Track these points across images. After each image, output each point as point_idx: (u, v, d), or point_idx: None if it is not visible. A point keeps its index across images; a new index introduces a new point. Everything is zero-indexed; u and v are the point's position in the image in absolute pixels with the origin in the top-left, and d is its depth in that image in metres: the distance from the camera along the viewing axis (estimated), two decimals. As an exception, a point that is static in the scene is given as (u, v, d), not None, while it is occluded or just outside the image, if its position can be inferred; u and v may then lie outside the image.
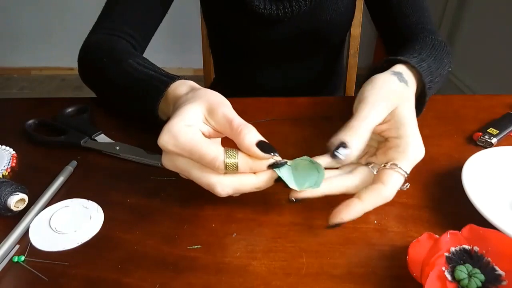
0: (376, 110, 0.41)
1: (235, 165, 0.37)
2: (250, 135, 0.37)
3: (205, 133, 0.38)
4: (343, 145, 0.38)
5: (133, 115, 0.55)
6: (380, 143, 0.44)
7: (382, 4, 0.68)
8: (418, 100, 0.51)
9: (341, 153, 0.38)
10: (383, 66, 0.50)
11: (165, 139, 0.37)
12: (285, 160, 0.38)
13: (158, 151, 0.49)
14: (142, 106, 0.49)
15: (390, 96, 0.43)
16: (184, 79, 0.48)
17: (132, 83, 0.51)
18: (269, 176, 0.39)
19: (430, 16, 0.67)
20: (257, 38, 0.72)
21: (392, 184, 0.39)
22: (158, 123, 0.48)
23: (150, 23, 0.68)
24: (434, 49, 0.58)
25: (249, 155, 0.37)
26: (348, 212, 0.38)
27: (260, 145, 0.37)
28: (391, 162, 0.40)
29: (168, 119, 0.46)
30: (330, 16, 0.70)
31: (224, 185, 0.37)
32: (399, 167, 0.39)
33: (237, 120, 0.38)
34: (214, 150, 0.36)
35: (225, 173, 0.37)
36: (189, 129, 0.37)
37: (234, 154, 0.37)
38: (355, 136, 0.39)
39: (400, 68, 0.49)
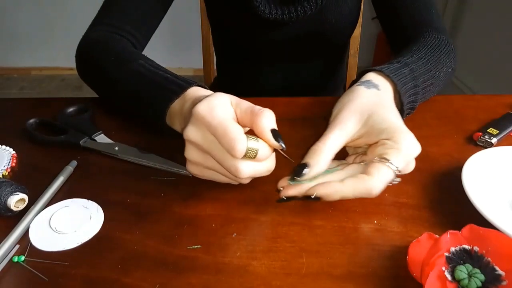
0: (341, 130, 0.42)
1: (255, 151, 0.38)
2: (268, 119, 0.39)
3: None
4: (304, 166, 0.40)
5: (135, 115, 0.55)
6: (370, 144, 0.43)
7: (388, 2, 0.67)
8: (400, 108, 0.50)
9: (303, 172, 0.40)
10: (357, 79, 0.50)
11: (202, 107, 0.38)
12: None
13: (152, 150, 0.49)
14: (151, 106, 0.49)
15: (358, 109, 0.43)
16: (201, 85, 0.48)
17: (142, 83, 0.51)
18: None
19: (437, 13, 0.66)
20: (261, 40, 0.72)
21: (378, 176, 0.38)
22: (161, 125, 0.48)
23: (151, 22, 0.67)
24: (431, 49, 0.57)
25: (260, 136, 0.39)
26: (324, 187, 0.38)
27: (272, 131, 0.39)
28: (382, 156, 0.39)
29: (178, 115, 0.47)
30: (335, 19, 0.69)
31: (247, 167, 0.39)
32: (389, 161, 0.39)
33: (259, 106, 0.40)
34: (239, 132, 0.38)
35: (243, 157, 0.38)
36: (225, 108, 0.39)
37: (256, 140, 0.39)
38: (317, 159, 0.40)
39: (369, 76, 0.48)
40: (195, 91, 0.46)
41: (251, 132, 0.40)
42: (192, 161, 0.42)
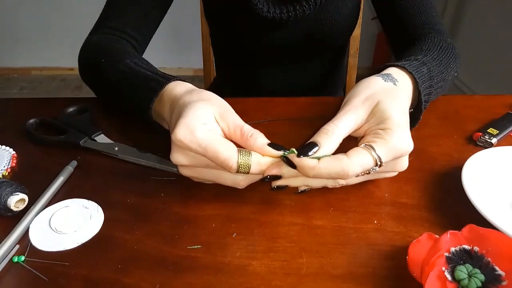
0: (353, 115, 0.42)
1: (248, 166, 0.38)
2: (260, 139, 0.39)
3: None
4: (314, 145, 0.39)
5: (130, 114, 0.55)
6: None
7: (388, 3, 0.67)
8: (416, 106, 0.50)
9: (311, 151, 0.38)
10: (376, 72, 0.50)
11: (183, 133, 0.38)
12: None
13: (152, 150, 0.49)
14: (136, 106, 0.50)
15: (370, 97, 0.43)
16: (180, 79, 0.48)
17: (127, 83, 0.51)
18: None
19: (438, 16, 0.66)
20: (260, 41, 0.72)
21: (356, 159, 0.38)
22: (151, 123, 0.48)
23: (151, 23, 0.68)
24: (441, 51, 0.57)
25: (262, 154, 0.39)
26: (301, 159, 0.38)
27: (270, 145, 0.39)
28: (368, 143, 0.39)
29: (160, 118, 0.48)
30: (334, 19, 0.69)
31: (245, 178, 0.41)
32: (374, 150, 0.38)
33: (246, 126, 0.40)
34: (229, 149, 0.38)
35: (237, 172, 0.39)
36: (206, 127, 0.39)
37: (247, 155, 0.39)
38: (328, 140, 0.39)
39: (390, 70, 0.48)
40: (171, 89, 0.46)
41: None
42: (188, 176, 0.43)
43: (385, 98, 0.42)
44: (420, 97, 0.48)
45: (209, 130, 0.39)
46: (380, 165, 0.39)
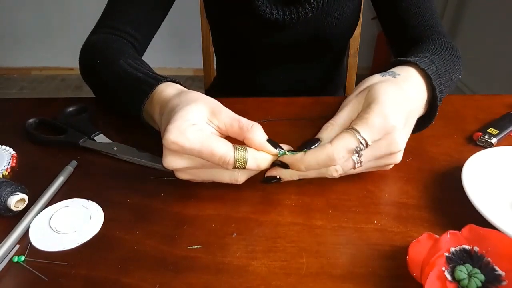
0: (348, 107, 0.43)
1: (244, 161, 0.39)
2: (260, 133, 0.40)
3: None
4: (316, 140, 0.41)
5: (126, 115, 0.55)
6: None
7: (389, 5, 0.67)
8: (430, 106, 0.49)
9: (313, 146, 0.41)
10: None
11: (173, 137, 0.38)
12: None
13: (151, 150, 0.49)
14: (128, 108, 0.50)
15: (364, 90, 0.44)
16: (171, 80, 0.48)
17: (119, 84, 0.51)
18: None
19: (438, 17, 0.66)
20: (262, 42, 0.72)
21: (339, 143, 0.38)
22: (144, 124, 0.49)
23: (152, 24, 0.67)
24: (447, 52, 0.57)
25: (260, 150, 0.40)
26: (289, 156, 0.40)
27: (269, 141, 0.40)
28: (351, 127, 0.40)
29: (151, 120, 0.48)
30: (336, 21, 0.69)
31: (243, 173, 0.41)
32: (356, 130, 0.39)
33: (244, 119, 0.40)
34: (224, 146, 0.38)
35: (233, 168, 0.39)
36: (196, 127, 0.39)
37: (244, 151, 0.39)
38: (326, 133, 0.42)
39: (395, 68, 0.48)
40: (161, 92, 0.45)
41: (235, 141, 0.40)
42: (185, 179, 0.43)
43: (376, 85, 0.43)
44: (435, 92, 0.47)
45: (200, 129, 0.38)
46: (367, 145, 0.39)
